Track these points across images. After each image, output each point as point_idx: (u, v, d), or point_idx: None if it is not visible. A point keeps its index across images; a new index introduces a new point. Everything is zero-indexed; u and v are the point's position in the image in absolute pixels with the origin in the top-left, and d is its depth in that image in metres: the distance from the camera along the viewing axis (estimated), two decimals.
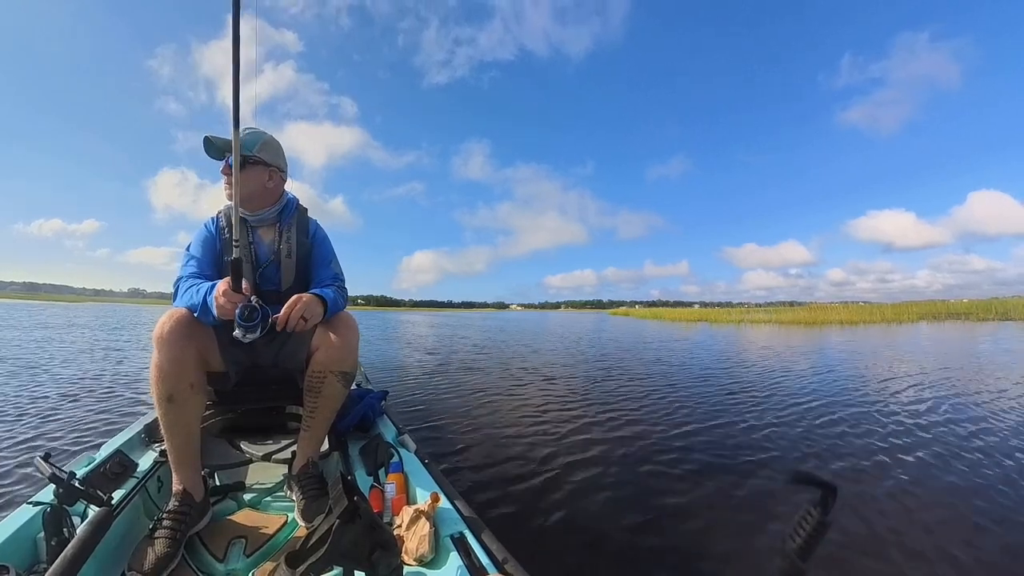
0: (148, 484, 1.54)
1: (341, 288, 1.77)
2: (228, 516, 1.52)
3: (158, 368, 1.35)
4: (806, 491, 0.50)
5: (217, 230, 1.69)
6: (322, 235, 1.87)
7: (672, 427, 3.87)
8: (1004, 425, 3.86)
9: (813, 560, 0.48)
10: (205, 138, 1.62)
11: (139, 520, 1.45)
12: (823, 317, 30.85)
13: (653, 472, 2.83)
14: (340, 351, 1.55)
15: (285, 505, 1.62)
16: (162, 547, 1.21)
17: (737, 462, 3.02)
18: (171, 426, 1.38)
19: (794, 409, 4.53)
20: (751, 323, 30.03)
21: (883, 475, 2.79)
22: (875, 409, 4.48)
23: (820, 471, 2.94)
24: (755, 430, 3.79)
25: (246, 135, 1.63)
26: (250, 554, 1.31)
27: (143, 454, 1.70)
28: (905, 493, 2.52)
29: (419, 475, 1.52)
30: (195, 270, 1.59)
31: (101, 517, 1.15)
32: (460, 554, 1.08)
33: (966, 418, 4.10)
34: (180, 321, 1.38)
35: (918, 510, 2.32)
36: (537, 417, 4.19)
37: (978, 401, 4.82)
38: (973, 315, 32.39)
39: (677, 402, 4.89)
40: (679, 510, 2.32)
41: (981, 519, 2.22)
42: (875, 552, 1.95)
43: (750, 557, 1.93)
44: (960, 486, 2.63)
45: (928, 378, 6.35)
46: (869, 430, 3.75)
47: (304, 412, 1.61)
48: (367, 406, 2.08)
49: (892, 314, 32.21)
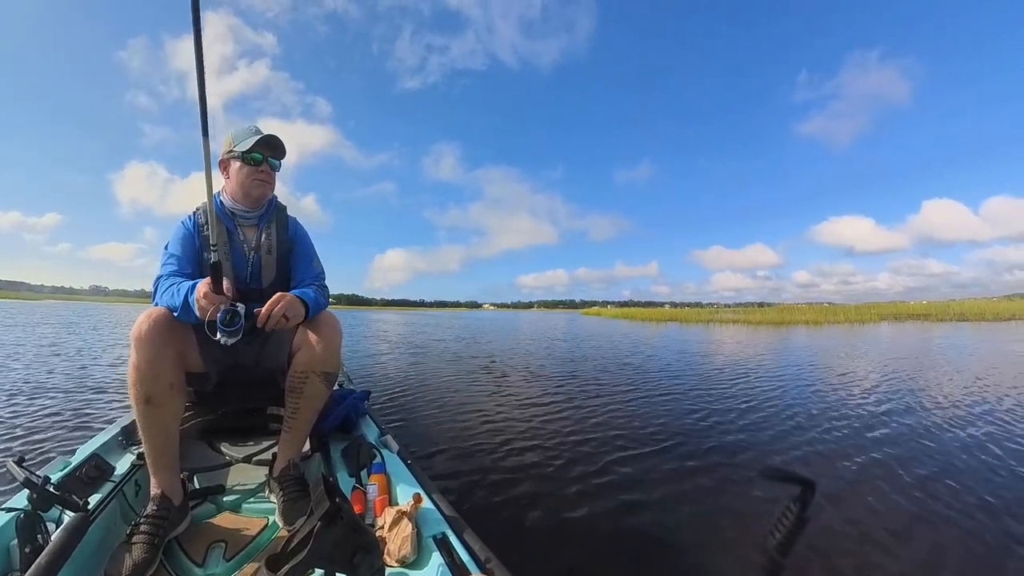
0: (125, 488, 1.50)
1: (322, 287, 1.76)
2: (207, 519, 1.49)
3: (136, 368, 1.31)
4: (784, 487, 0.50)
5: (196, 227, 1.65)
6: (302, 232, 1.87)
7: (651, 424, 3.91)
8: (971, 417, 3.99)
9: (793, 554, 0.48)
10: (270, 136, 1.63)
11: (116, 525, 1.40)
12: (790, 318, 31.63)
13: (634, 469, 2.85)
14: (322, 351, 1.52)
15: (266, 508, 1.58)
16: (140, 552, 1.17)
17: (716, 459, 3.06)
18: (149, 428, 1.35)
19: (769, 407, 4.62)
20: (720, 323, 30.64)
21: (857, 469, 2.86)
22: (848, 405, 4.59)
23: (797, 467, 3.01)
24: (732, 427, 3.85)
25: (271, 137, 1.65)
26: (230, 558, 1.28)
27: (120, 457, 1.65)
28: (877, 486, 2.58)
29: (401, 476, 1.50)
30: (175, 268, 1.55)
31: (77, 523, 1.11)
32: (442, 554, 1.07)
33: (932, 413, 4.24)
34: (159, 321, 1.35)
35: (890, 502, 2.38)
36: (517, 416, 4.19)
37: (946, 397, 4.98)
38: (933, 316, 33.50)
39: (655, 400, 4.95)
40: (660, 507, 2.34)
41: (950, 511, 2.28)
42: (851, 544, 1.98)
43: (731, 552, 1.96)
44: (929, 477, 2.70)
45: (899, 377, 6.54)
46: (843, 426, 3.85)
47: (285, 413, 1.58)
48: (349, 407, 2.06)
49: (856, 315, 33.15)
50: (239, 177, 1.63)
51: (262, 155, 1.64)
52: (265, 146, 1.64)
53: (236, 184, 1.65)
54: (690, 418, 4.15)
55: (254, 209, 1.70)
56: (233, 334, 1.27)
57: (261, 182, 1.65)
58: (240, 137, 1.63)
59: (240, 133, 1.65)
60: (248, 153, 1.60)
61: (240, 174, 1.63)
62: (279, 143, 1.67)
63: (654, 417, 4.17)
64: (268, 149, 1.65)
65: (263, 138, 1.62)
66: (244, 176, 1.63)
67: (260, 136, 1.62)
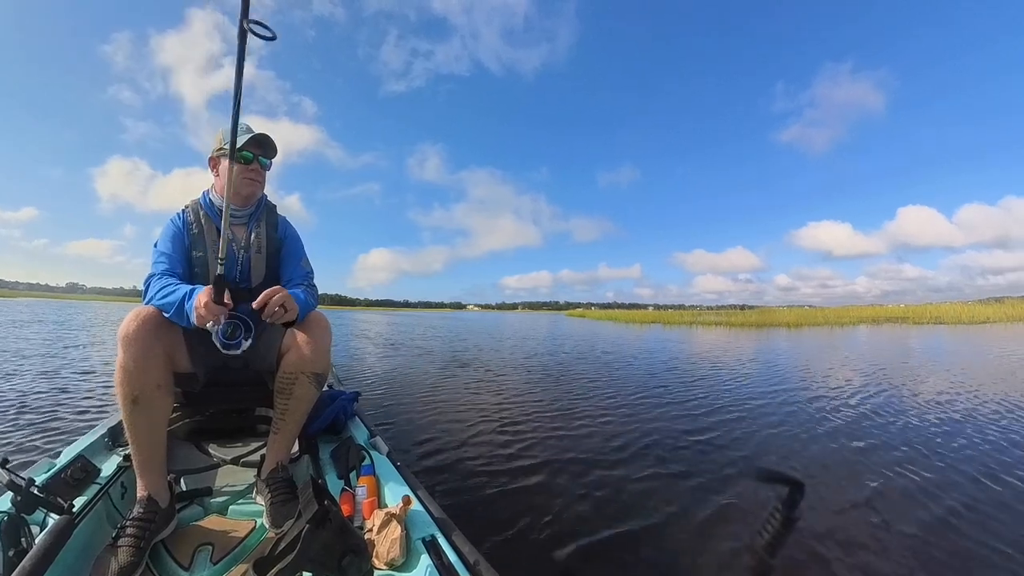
0: (111, 490, 1.47)
1: (311, 287, 1.75)
2: (194, 522, 1.47)
3: (123, 368, 1.28)
4: (773, 487, 0.50)
5: (185, 225, 1.63)
6: (292, 232, 1.85)
7: (640, 425, 3.93)
8: (957, 418, 4.05)
9: (781, 555, 0.49)
10: (261, 134, 1.61)
11: (101, 528, 1.37)
12: (771, 320, 32.06)
13: (622, 470, 2.86)
14: (312, 352, 1.51)
15: (254, 510, 1.56)
16: (125, 556, 1.15)
17: (704, 460, 3.07)
18: (136, 429, 1.32)
19: (755, 408, 4.66)
20: (703, 325, 30.93)
21: (846, 470, 2.88)
22: (834, 406, 4.65)
23: (785, 467, 3.04)
24: (720, 427, 3.88)
25: (262, 136, 1.62)
26: (217, 561, 1.26)
27: (107, 459, 1.62)
28: (868, 488, 2.59)
29: (391, 478, 1.49)
30: (167, 267, 1.53)
31: (61, 526, 1.09)
32: (431, 557, 1.06)
33: (916, 412, 4.30)
34: (147, 320, 1.32)
35: (881, 503, 2.39)
36: (507, 417, 4.18)
37: (936, 398, 5.05)
38: (910, 319, 34.07)
39: (642, 401, 4.98)
40: (648, 508, 2.33)
41: (949, 517, 2.25)
42: (841, 545, 1.97)
43: (720, 553, 1.94)
44: (914, 476, 2.73)
45: (887, 378, 6.61)
46: (831, 427, 3.89)
47: (274, 414, 1.56)
48: (339, 408, 2.04)
49: (835, 318, 33.70)
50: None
51: (253, 154, 1.62)
52: (256, 145, 1.62)
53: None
54: (677, 418, 4.18)
55: (244, 208, 1.68)
56: (234, 347, 1.29)
57: (251, 181, 1.64)
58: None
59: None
60: (239, 151, 1.58)
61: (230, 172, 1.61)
62: (270, 142, 1.65)
63: (642, 418, 4.19)
64: (259, 148, 1.64)
65: (254, 137, 1.60)
66: (234, 174, 1.61)
67: (251, 135, 1.60)
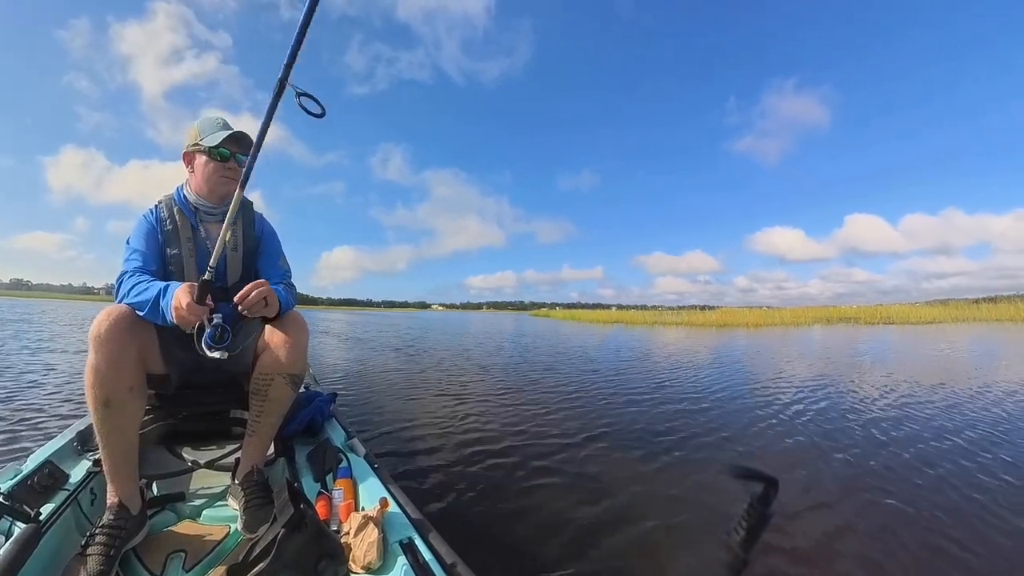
0: (80, 497, 1.41)
1: (290, 286, 1.70)
2: (167, 528, 1.41)
3: (94, 370, 1.22)
4: (748, 484, 0.50)
5: (159, 221, 1.56)
6: (269, 230, 1.80)
7: (614, 422, 3.97)
8: (922, 416, 4.21)
9: (756, 551, 0.49)
10: (239, 132, 1.54)
11: (70, 536, 1.31)
12: (730, 320, 33.01)
13: (598, 467, 2.88)
14: (289, 352, 1.46)
15: (228, 515, 1.50)
16: (95, 565, 1.10)
17: (679, 457, 3.10)
18: (107, 433, 1.26)
19: (723, 405, 4.77)
20: (664, 324, 31.66)
21: (813, 467, 2.93)
22: (796, 402, 4.78)
23: (756, 462, 3.11)
24: (693, 424, 3.95)
25: (239, 133, 1.56)
26: (190, 568, 1.22)
27: (75, 464, 1.54)
28: (835, 484, 2.65)
29: (368, 480, 1.47)
30: (140, 264, 1.47)
31: (28, 535, 1.04)
32: (408, 559, 1.05)
33: (880, 407, 4.45)
34: (120, 319, 1.26)
35: (849, 500, 2.43)
36: (483, 416, 4.18)
37: (894, 394, 5.23)
38: (862, 320, 35.43)
39: (616, 398, 5.04)
40: (624, 505, 2.34)
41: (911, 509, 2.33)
42: (815, 543, 2.01)
43: (696, 550, 1.96)
44: (883, 475, 2.78)
45: (854, 378, 6.78)
46: (799, 424, 3.97)
47: (249, 416, 1.51)
48: (315, 410, 2.00)
49: (791, 318, 34.78)
50: (205, 172, 1.56)
51: (229, 151, 1.56)
52: (233, 142, 1.56)
53: (201, 179, 1.57)
54: (651, 415, 4.24)
55: (219, 205, 1.62)
56: (225, 349, 1.23)
57: (228, 179, 1.57)
58: (207, 130, 1.56)
59: (207, 125, 1.57)
60: (216, 148, 1.53)
61: (206, 169, 1.55)
62: (248, 139, 1.58)
63: (616, 415, 4.25)
64: (236, 145, 1.57)
65: (232, 134, 1.55)
66: (211, 172, 1.55)
67: (229, 132, 1.55)
